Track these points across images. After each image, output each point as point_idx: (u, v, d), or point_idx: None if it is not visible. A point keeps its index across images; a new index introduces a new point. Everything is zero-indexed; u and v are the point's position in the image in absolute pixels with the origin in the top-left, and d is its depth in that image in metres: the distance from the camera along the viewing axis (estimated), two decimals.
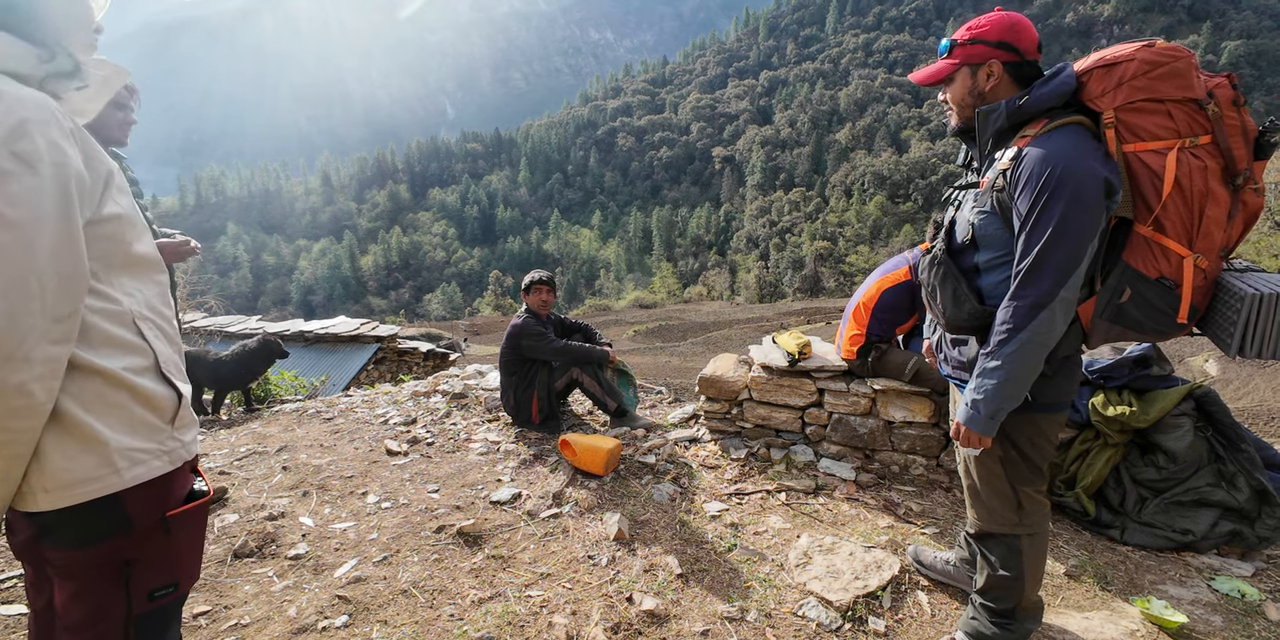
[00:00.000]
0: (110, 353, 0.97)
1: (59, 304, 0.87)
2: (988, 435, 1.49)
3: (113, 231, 0.99)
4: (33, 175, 0.85)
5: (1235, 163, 1.32)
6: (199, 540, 1.14)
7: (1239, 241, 1.42)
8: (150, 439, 1.02)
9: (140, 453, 0.99)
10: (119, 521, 0.99)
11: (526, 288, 3.64)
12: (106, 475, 0.95)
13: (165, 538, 1.05)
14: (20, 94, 0.88)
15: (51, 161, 0.87)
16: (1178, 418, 2.43)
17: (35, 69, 0.94)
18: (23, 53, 0.92)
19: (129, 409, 0.99)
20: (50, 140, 0.88)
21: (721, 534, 2.46)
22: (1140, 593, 2.07)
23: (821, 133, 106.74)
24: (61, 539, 0.97)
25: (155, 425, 1.03)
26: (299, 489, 2.93)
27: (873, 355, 2.75)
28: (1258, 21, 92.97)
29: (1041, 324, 1.37)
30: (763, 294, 67.26)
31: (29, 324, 0.83)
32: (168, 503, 1.05)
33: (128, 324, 1.01)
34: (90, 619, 1.00)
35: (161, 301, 1.11)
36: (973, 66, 1.51)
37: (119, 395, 0.98)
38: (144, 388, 1.01)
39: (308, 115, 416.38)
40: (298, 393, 6.00)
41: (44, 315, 0.85)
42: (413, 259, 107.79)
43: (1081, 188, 1.32)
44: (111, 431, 0.96)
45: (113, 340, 0.98)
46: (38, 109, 0.88)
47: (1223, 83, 1.34)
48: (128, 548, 1.01)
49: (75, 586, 0.99)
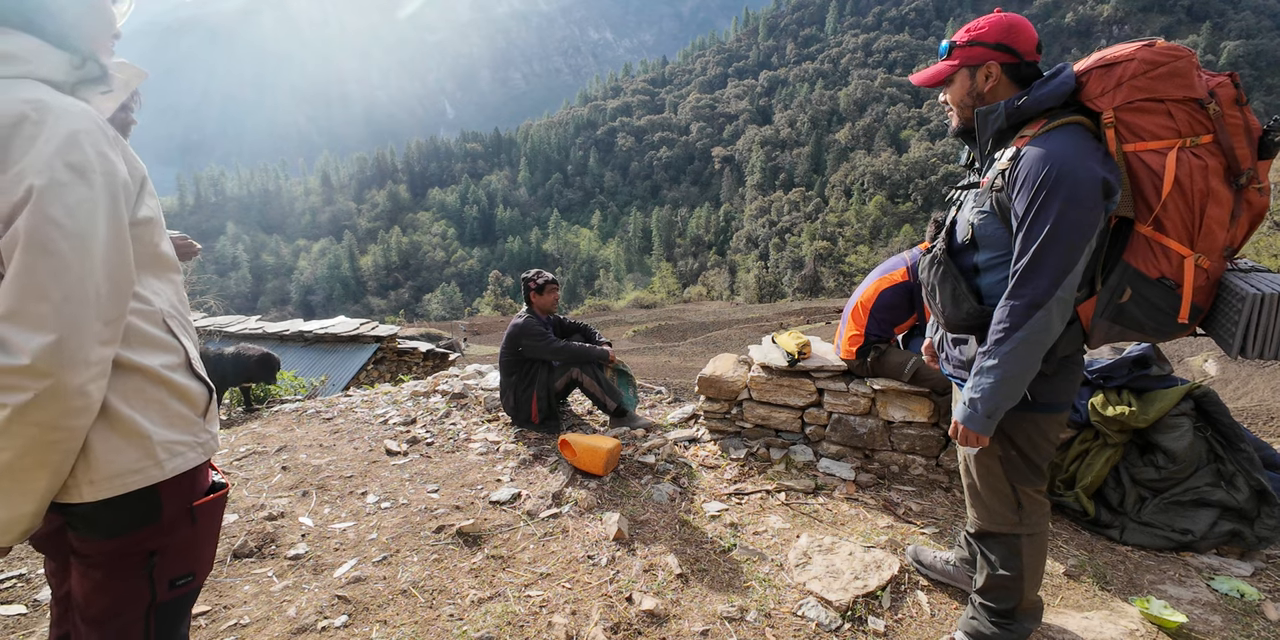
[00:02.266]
0: (147, 351, 1.02)
1: (110, 308, 0.91)
2: (986, 434, 1.49)
3: (144, 234, 1.03)
4: (86, 186, 0.88)
5: (1238, 162, 1.32)
6: (216, 532, 1.18)
7: (1244, 241, 1.41)
8: (186, 432, 1.06)
9: (178, 445, 1.04)
10: (151, 511, 1.03)
11: (540, 288, 3.59)
12: (149, 467, 1.00)
13: (190, 528, 1.09)
14: (66, 105, 0.91)
15: (102, 171, 0.91)
16: (1177, 418, 2.43)
17: (68, 75, 0.98)
18: (58, 60, 0.96)
19: (167, 404, 1.04)
20: (99, 150, 0.91)
21: (721, 534, 2.46)
22: (1139, 592, 2.07)
23: (821, 133, 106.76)
24: (95, 529, 1.00)
25: (190, 419, 1.08)
26: (298, 489, 2.93)
27: (872, 355, 2.75)
28: (1257, 22, 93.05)
29: (1038, 323, 1.37)
30: (762, 294, 67.28)
31: (88, 328, 0.87)
32: (194, 493, 1.09)
33: (159, 323, 1.06)
34: (113, 609, 1.03)
35: (179, 300, 1.15)
36: (971, 68, 1.51)
37: (158, 391, 1.03)
38: (179, 383, 1.06)
39: (307, 115, 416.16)
40: (297, 393, 6.00)
41: (98, 319, 0.89)
42: (412, 259, 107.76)
43: (1079, 187, 1.32)
44: (152, 425, 1.01)
45: (149, 339, 1.03)
46: (85, 120, 0.92)
47: (1225, 82, 1.33)
48: (156, 537, 1.04)
49: (100, 575, 1.02)
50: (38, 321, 0.83)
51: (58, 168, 0.86)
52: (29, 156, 0.85)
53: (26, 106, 0.87)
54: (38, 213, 0.84)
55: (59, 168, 0.86)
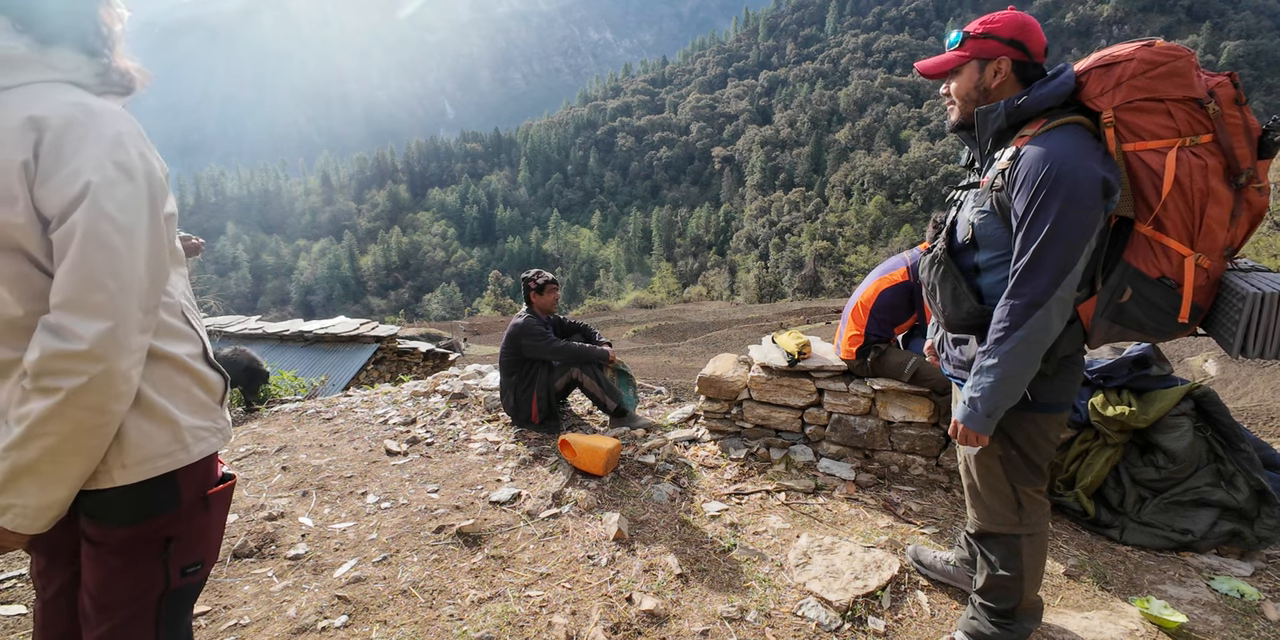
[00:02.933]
0: (172, 340, 1.07)
1: (149, 297, 0.97)
2: (985, 434, 1.49)
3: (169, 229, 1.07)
4: (132, 183, 0.94)
5: (1238, 161, 1.32)
6: (224, 521, 1.22)
7: (1244, 241, 1.41)
8: (208, 418, 1.11)
9: (203, 431, 1.09)
10: (171, 497, 1.06)
11: (540, 288, 3.59)
12: (177, 451, 1.04)
13: (204, 515, 1.13)
14: (108, 107, 0.97)
15: (144, 170, 0.97)
16: (1177, 418, 2.43)
17: (93, 79, 1.02)
18: (88, 66, 1.01)
19: (191, 391, 1.09)
20: (140, 150, 0.98)
21: (721, 534, 2.46)
22: (1139, 592, 2.07)
23: (821, 133, 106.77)
24: (116, 516, 1.02)
25: (211, 405, 1.13)
26: (298, 489, 2.93)
27: (872, 355, 2.75)
28: (1257, 22, 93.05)
29: (1037, 323, 1.37)
30: (762, 294, 67.28)
31: (133, 316, 0.93)
32: (209, 481, 1.13)
33: (178, 314, 1.11)
34: (129, 595, 1.06)
35: (189, 293, 1.19)
36: (982, 61, 1.50)
37: (184, 379, 1.08)
38: (201, 371, 1.11)
39: (307, 115, 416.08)
40: (297, 393, 6.00)
41: (140, 308, 0.95)
42: (412, 259, 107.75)
43: (1078, 187, 1.32)
44: (180, 411, 1.06)
45: (172, 329, 1.08)
46: (125, 122, 0.98)
47: (1224, 81, 1.33)
48: (174, 524, 1.08)
49: (118, 563, 1.04)
50: (95, 310, 0.89)
51: (108, 166, 0.91)
52: (81, 155, 0.90)
53: (74, 109, 0.93)
54: (95, 208, 0.89)
55: (109, 166, 0.91)
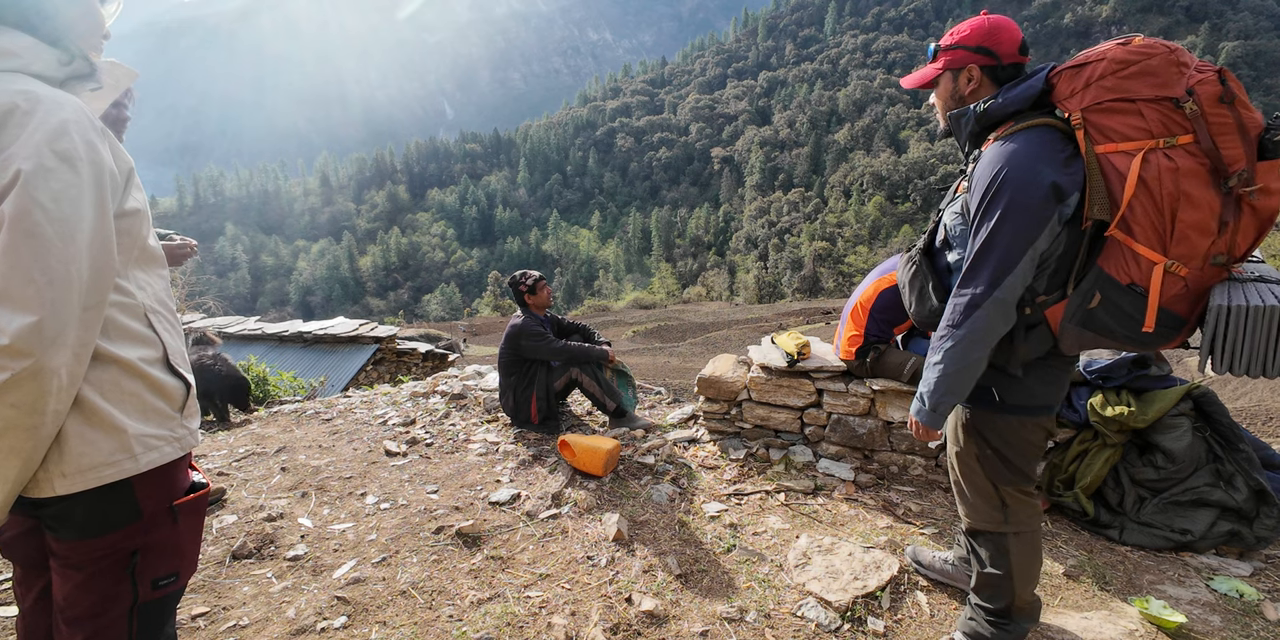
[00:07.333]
0: (125, 343, 1.02)
1: (91, 293, 0.92)
2: (934, 428, 1.52)
3: (131, 226, 1.04)
4: (73, 173, 0.90)
5: (1224, 163, 1.23)
6: (199, 532, 1.18)
7: (1250, 248, 1.31)
8: (162, 426, 1.06)
9: (154, 439, 1.04)
10: (129, 509, 1.03)
11: (531, 287, 3.57)
12: (123, 460, 1.00)
13: (172, 527, 1.09)
14: (57, 97, 0.94)
15: (89, 160, 0.93)
16: (1176, 418, 2.43)
17: (57, 71, 1.01)
18: (48, 56, 0.99)
19: (143, 397, 1.04)
20: (87, 140, 0.94)
21: (720, 534, 2.46)
22: (1139, 593, 2.07)
23: (820, 133, 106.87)
24: (72, 528, 1.00)
25: (167, 413, 1.08)
26: (297, 490, 2.93)
27: (871, 355, 2.76)
28: (1255, 22, 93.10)
29: (977, 323, 1.38)
30: (762, 294, 67.33)
31: (69, 312, 0.89)
32: (174, 492, 1.10)
33: (140, 317, 1.06)
34: (96, 609, 1.03)
35: (167, 295, 1.16)
36: (954, 71, 1.53)
37: (134, 384, 1.03)
38: (156, 377, 1.06)
39: (306, 116, 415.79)
40: (296, 393, 6.00)
41: (79, 304, 0.90)
42: (411, 260, 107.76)
43: (1024, 190, 1.31)
44: (128, 418, 1.01)
45: (127, 332, 1.03)
46: (74, 110, 0.94)
47: (1207, 79, 1.24)
48: (137, 536, 1.04)
49: (81, 577, 1.01)
50: (20, 302, 0.85)
51: (45, 154, 0.88)
52: (18, 143, 0.87)
53: (18, 97, 0.90)
54: (24, 196, 0.86)
55: (47, 154, 0.88)
